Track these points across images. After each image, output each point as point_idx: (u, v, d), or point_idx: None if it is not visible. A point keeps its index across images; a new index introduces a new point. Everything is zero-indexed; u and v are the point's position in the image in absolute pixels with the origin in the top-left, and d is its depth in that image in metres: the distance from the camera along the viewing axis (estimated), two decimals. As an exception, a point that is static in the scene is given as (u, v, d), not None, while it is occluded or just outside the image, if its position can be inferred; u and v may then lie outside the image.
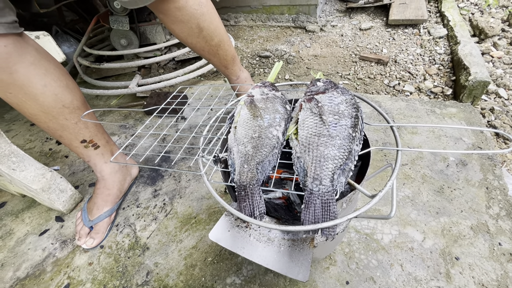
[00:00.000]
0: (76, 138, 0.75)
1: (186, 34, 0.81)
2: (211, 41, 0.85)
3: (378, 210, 0.77)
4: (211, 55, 0.90)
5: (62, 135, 0.72)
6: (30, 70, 0.61)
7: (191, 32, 0.81)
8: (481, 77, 1.11)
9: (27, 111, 0.66)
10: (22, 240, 0.84)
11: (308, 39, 1.84)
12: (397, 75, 1.43)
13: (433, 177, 0.83)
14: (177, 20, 0.77)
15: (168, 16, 0.76)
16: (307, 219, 0.36)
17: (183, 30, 0.80)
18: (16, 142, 1.24)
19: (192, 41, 0.83)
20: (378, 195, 0.37)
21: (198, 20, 0.79)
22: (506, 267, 0.63)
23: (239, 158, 0.44)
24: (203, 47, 0.86)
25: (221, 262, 0.71)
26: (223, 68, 0.97)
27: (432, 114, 1.05)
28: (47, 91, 0.65)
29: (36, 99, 0.64)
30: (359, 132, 0.42)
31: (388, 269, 0.65)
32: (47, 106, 0.66)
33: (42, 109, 0.66)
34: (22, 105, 0.64)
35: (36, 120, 0.68)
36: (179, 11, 0.75)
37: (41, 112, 0.66)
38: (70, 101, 0.70)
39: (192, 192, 0.90)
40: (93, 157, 0.80)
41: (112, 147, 0.85)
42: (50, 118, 0.68)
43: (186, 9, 0.75)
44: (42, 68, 0.64)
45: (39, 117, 0.67)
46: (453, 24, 1.57)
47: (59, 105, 0.68)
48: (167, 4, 0.73)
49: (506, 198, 0.75)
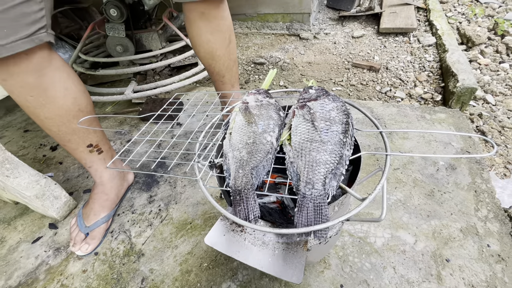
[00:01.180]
0: (83, 142, 0.75)
1: (219, 45, 0.83)
2: (232, 55, 0.89)
3: (371, 214, 0.79)
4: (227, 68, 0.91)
5: (71, 139, 0.73)
6: (56, 74, 0.64)
7: (224, 43, 0.84)
8: (468, 83, 1.15)
9: (42, 114, 0.66)
10: (15, 248, 0.83)
11: (302, 47, 1.87)
12: (388, 81, 1.46)
13: (424, 181, 0.86)
14: (218, 29, 0.80)
15: (210, 24, 0.78)
16: (300, 222, 0.37)
17: (217, 40, 0.82)
18: (10, 149, 1.23)
19: (220, 52, 0.85)
20: (368, 198, 0.38)
21: (231, 32, 0.84)
22: (494, 268, 0.64)
23: (234, 164, 0.45)
24: (224, 61, 0.88)
25: (217, 267, 0.72)
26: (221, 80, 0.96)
27: (422, 120, 1.08)
28: (68, 94, 0.67)
29: (55, 102, 0.66)
30: (350, 138, 0.44)
31: (381, 272, 0.66)
32: (65, 109, 0.68)
33: (59, 112, 0.67)
34: (39, 108, 0.65)
35: (49, 123, 0.68)
36: (222, 20, 0.79)
37: (57, 116, 0.68)
38: (85, 105, 0.72)
39: (187, 198, 0.90)
40: (96, 162, 0.80)
41: (112, 153, 0.86)
42: (64, 121, 0.69)
43: (227, 19, 0.81)
44: (65, 72, 0.67)
45: (53, 120, 0.68)
46: (441, 33, 1.62)
47: (76, 109, 0.70)
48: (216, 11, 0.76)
49: (493, 201, 0.78)
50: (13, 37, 0.53)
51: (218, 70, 0.90)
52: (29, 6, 0.54)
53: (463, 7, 2.04)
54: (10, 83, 0.60)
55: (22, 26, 0.53)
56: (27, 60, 0.58)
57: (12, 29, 0.52)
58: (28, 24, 0.54)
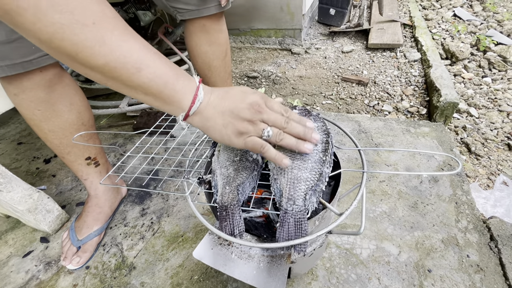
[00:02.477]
0: (82, 155, 0.78)
1: (216, 56, 0.88)
2: (228, 68, 0.94)
3: (358, 226, 0.81)
4: (222, 80, 0.95)
5: (71, 151, 0.75)
6: (65, 90, 0.68)
7: (221, 55, 0.89)
8: (450, 98, 1.20)
9: (46, 127, 0.69)
10: (5, 263, 0.83)
11: (293, 61, 1.94)
12: (376, 95, 1.52)
13: (408, 193, 0.89)
14: (216, 41, 0.85)
15: (209, 36, 0.83)
16: (282, 236, 0.39)
17: (215, 52, 0.87)
18: (3, 161, 1.23)
19: (217, 64, 0.90)
20: (344, 213, 0.41)
21: (227, 45, 0.90)
22: (473, 278, 0.67)
23: (221, 180, 0.47)
24: (220, 72, 0.93)
25: (207, 280, 0.73)
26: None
27: (407, 133, 1.12)
28: (73, 109, 0.71)
29: (61, 116, 0.69)
30: (329, 156, 0.47)
31: (367, 282, 0.69)
32: (69, 123, 0.71)
33: (63, 126, 0.70)
34: (44, 121, 0.68)
35: (52, 136, 0.71)
36: (220, 33, 0.85)
37: (60, 129, 0.70)
38: (87, 119, 0.76)
39: (179, 211, 0.92)
40: (92, 175, 0.82)
41: (108, 167, 0.88)
42: (66, 134, 0.72)
43: (225, 33, 0.86)
44: (73, 89, 0.71)
45: (56, 133, 0.71)
46: (426, 49, 1.70)
47: (79, 123, 0.73)
48: (216, 25, 0.82)
49: (473, 212, 0.81)
50: (39, 53, 0.58)
51: (214, 81, 0.94)
52: None
53: (447, 24, 2.14)
54: (21, 97, 0.63)
55: None
56: (40, 76, 0.62)
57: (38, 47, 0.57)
58: None
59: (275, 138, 0.41)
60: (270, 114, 0.41)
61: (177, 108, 0.39)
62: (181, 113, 0.40)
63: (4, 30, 0.52)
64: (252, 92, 0.42)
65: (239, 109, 0.39)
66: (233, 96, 0.40)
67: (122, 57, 0.33)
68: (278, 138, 0.41)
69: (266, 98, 0.42)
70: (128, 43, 0.34)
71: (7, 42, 0.54)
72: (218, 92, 0.41)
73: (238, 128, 0.39)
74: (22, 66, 0.58)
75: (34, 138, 1.37)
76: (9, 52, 0.55)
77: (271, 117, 0.41)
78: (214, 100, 0.40)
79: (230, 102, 0.40)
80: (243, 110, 0.39)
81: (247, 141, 0.40)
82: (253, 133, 0.40)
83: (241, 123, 0.39)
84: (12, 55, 0.56)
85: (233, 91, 0.41)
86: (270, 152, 0.41)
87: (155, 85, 0.36)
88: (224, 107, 0.40)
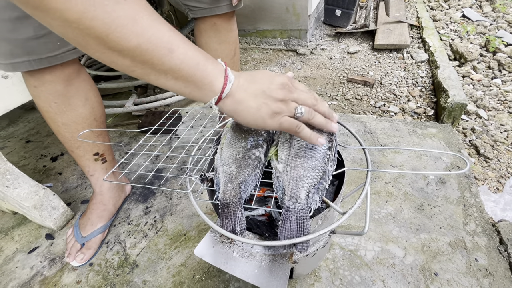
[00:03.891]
0: (91, 150, 0.79)
1: (225, 55, 0.89)
2: (236, 67, 0.95)
3: (362, 227, 0.80)
4: None
5: (81, 146, 0.77)
6: (81, 84, 0.71)
7: (229, 54, 0.90)
8: (458, 99, 1.18)
9: (60, 120, 0.71)
10: (11, 258, 0.84)
11: (299, 62, 1.93)
12: (382, 96, 1.50)
13: (414, 194, 0.87)
14: (226, 40, 0.86)
15: (220, 34, 0.84)
16: (283, 234, 0.39)
17: (224, 50, 0.88)
18: (11, 159, 1.25)
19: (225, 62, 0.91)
20: (348, 212, 0.40)
21: (236, 44, 0.91)
22: (482, 282, 0.65)
23: (223, 178, 0.47)
24: None
25: (209, 279, 0.72)
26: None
27: (414, 134, 1.10)
28: (87, 104, 0.73)
29: (75, 110, 0.71)
30: (333, 154, 0.46)
31: (371, 285, 0.67)
32: (83, 117, 0.73)
33: (76, 120, 0.72)
34: (59, 114, 0.70)
35: (64, 129, 0.73)
36: (231, 32, 0.86)
37: (73, 122, 0.72)
38: (100, 115, 0.78)
39: (182, 209, 0.92)
40: (98, 171, 0.83)
41: (115, 164, 0.89)
42: (78, 128, 0.74)
43: (235, 32, 0.87)
44: (89, 84, 0.74)
45: (68, 127, 0.73)
46: (434, 50, 1.68)
47: (92, 118, 0.75)
48: (227, 24, 0.82)
49: (482, 215, 0.79)
50: (64, 48, 0.61)
51: None
52: None
53: (456, 25, 2.11)
54: (40, 89, 0.66)
55: None
56: (61, 70, 0.65)
57: (63, 42, 0.60)
58: None
59: (308, 116, 0.41)
60: (300, 93, 0.41)
61: (209, 92, 0.38)
62: (214, 97, 0.38)
63: (32, 26, 0.55)
64: (277, 74, 0.42)
65: (271, 90, 0.39)
66: (261, 79, 0.40)
67: (154, 37, 0.31)
68: (310, 116, 0.41)
69: (291, 79, 0.42)
70: (158, 22, 0.32)
71: (35, 37, 0.56)
72: (246, 75, 0.41)
73: (272, 109, 0.39)
74: (48, 60, 0.60)
75: (42, 136, 1.39)
76: (37, 47, 0.58)
77: (301, 96, 0.41)
78: (243, 83, 0.40)
79: (261, 84, 0.39)
80: (276, 91, 0.39)
81: (282, 121, 0.40)
82: (287, 113, 0.40)
83: (274, 103, 0.39)
84: (39, 50, 0.58)
85: (260, 74, 0.41)
86: (306, 132, 0.42)
87: (187, 67, 0.35)
88: (256, 89, 0.39)
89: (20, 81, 0.75)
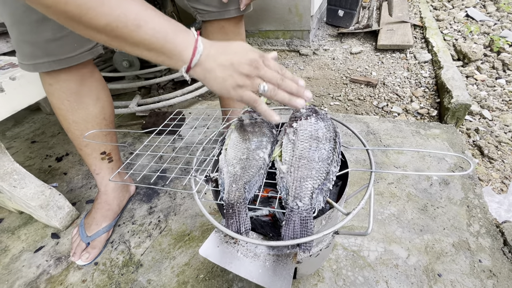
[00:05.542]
0: (99, 149, 0.81)
1: None
2: None
3: (365, 227, 0.80)
4: None
5: (89, 144, 0.79)
6: (94, 84, 0.73)
7: None
8: (462, 100, 1.18)
9: (71, 118, 0.73)
10: (17, 257, 0.85)
11: (301, 62, 1.93)
12: (385, 96, 1.50)
13: (418, 195, 0.87)
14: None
15: (227, 38, 0.85)
16: (287, 235, 0.39)
17: None
18: (17, 159, 1.26)
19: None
20: (352, 212, 0.41)
21: None
22: (486, 283, 0.65)
23: (228, 178, 0.48)
24: None
25: (213, 279, 0.73)
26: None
27: (417, 135, 1.10)
28: (98, 103, 0.75)
29: (87, 108, 0.73)
30: (337, 155, 0.47)
31: (374, 285, 0.67)
32: (93, 116, 0.75)
33: (86, 118, 0.74)
34: (70, 112, 0.72)
35: (74, 127, 0.75)
36: (238, 36, 0.87)
37: (83, 121, 0.74)
38: (109, 115, 0.80)
39: (186, 210, 0.93)
40: (104, 170, 0.84)
41: (120, 164, 0.89)
42: (88, 127, 0.75)
43: (242, 36, 0.89)
44: (101, 84, 0.76)
45: (78, 124, 0.75)
46: (437, 50, 1.67)
47: (101, 117, 0.77)
48: (235, 27, 0.84)
49: (486, 216, 0.79)
50: (80, 49, 0.64)
51: None
52: None
53: (459, 25, 2.10)
54: (54, 87, 0.68)
55: (86, 41, 0.65)
56: (76, 70, 0.67)
57: (79, 44, 0.64)
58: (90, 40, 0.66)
59: (270, 93, 0.44)
60: (267, 71, 0.44)
61: (179, 61, 0.41)
62: (183, 66, 0.41)
63: (51, 28, 0.57)
64: (251, 49, 0.44)
65: (239, 64, 0.42)
66: (233, 51, 0.43)
67: (122, 16, 0.35)
68: (273, 93, 0.44)
69: (263, 56, 0.44)
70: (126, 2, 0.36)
71: (53, 39, 0.59)
72: (218, 45, 0.43)
73: (236, 81, 0.42)
74: (66, 61, 0.63)
75: (47, 137, 1.41)
76: (55, 48, 0.60)
77: (267, 74, 0.44)
78: (214, 53, 0.42)
79: (231, 56, 0.42)
80: (243, 65, 0.42)
81: (243, 95, 0.44)
82: (250, 87, 0.43)
83: (239, 76, 0.42)
84: (57, 52, 0.61)
85: (234, 45, 0.44)
86: (262, 107, 0.45)
87: (156, 40, 0.38)
88: (225, 60, 0.42)
89: (27, 83, 0.76)
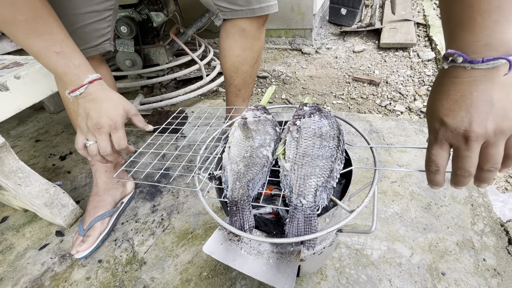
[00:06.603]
0: None
1: (246, 62, 0.89)
2: (254, 74, 0.95)
3: (369, 226, 0.80)
4: (246, 84, 0.96)
5: None
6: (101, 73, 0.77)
7: (251, 62, 0.90)
8: (466, 98, 1.17)
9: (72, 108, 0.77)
10: (22, 255, 0.86)
11: (304, 61, 1.93)
12: (388, 95, 1.49)
13: (421, 194, 0.87)
14: (251, 48, 0.87)
15: (246, 41, 0.85)
16: (291, 232, 0.39)
17: (247, 57, 0.88)
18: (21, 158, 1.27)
19: (245, 69, 0.91)
20: (356, 210, 0.41)
21: (260, 53, 0.91)
22: (490, 282, 0.65)
23: (231, 176, 0.48)
24: (246, 76, 0.93)
25: (216, 277, 0.73)
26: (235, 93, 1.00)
27: (421, 133, 1.10)
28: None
29: None
30: (341, 153, 0.47)
31: (377, 284, 0.67)
32: None
33: None
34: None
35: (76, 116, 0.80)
36: (257, 41, 0.87)
37: None
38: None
39: (189, 208, 0.93)
40: (97, 163, 0.86)
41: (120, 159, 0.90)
42: None
43: (262, 41, 0.89)
44: (108, 77, 0.80)
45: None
46: (441, 48, 1.66)
47: None
48: (255, 32, 0.84)
49: (490, 215, 0.78)
50: (86, 45, 0.68)
51: (237, 83, 0.95)
52: (100, 24, 0.69)
53: (463, 23, 2.08)
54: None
55: (93, 38, 0.69)
56: None
57: (86, 40, 0.68)
58: (98, 37, 0.70)
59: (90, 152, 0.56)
60: (102, 140, 0.54)
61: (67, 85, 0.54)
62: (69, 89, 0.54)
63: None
64: (116, 114, 0.54)
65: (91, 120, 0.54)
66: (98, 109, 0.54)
67: (28, 46, 0.49)
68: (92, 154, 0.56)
69: (116, 128, 0.55)
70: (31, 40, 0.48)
71: None
72: (90, 103, 0.54)
73: (82, 127, 0.56)
74: None
75: (51, 136, 1.42)
76: None
77: (100, 142, 0.55)
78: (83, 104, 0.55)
79: (89, 116, 0.54)
80: (89, 126, 0.54)
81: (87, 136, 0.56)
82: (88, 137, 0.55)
83: (85, 127, 0.55)
84: None
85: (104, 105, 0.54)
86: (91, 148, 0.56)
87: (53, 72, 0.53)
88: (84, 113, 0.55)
89: (32, 81, 0.76)
